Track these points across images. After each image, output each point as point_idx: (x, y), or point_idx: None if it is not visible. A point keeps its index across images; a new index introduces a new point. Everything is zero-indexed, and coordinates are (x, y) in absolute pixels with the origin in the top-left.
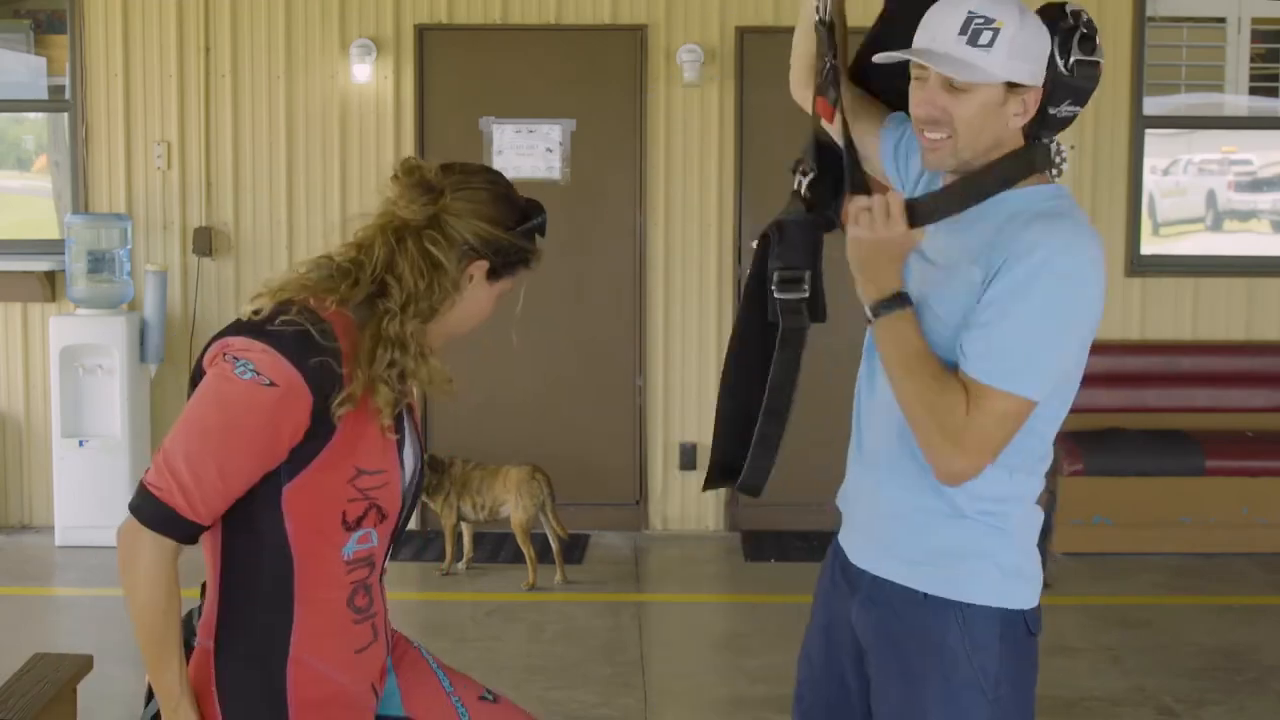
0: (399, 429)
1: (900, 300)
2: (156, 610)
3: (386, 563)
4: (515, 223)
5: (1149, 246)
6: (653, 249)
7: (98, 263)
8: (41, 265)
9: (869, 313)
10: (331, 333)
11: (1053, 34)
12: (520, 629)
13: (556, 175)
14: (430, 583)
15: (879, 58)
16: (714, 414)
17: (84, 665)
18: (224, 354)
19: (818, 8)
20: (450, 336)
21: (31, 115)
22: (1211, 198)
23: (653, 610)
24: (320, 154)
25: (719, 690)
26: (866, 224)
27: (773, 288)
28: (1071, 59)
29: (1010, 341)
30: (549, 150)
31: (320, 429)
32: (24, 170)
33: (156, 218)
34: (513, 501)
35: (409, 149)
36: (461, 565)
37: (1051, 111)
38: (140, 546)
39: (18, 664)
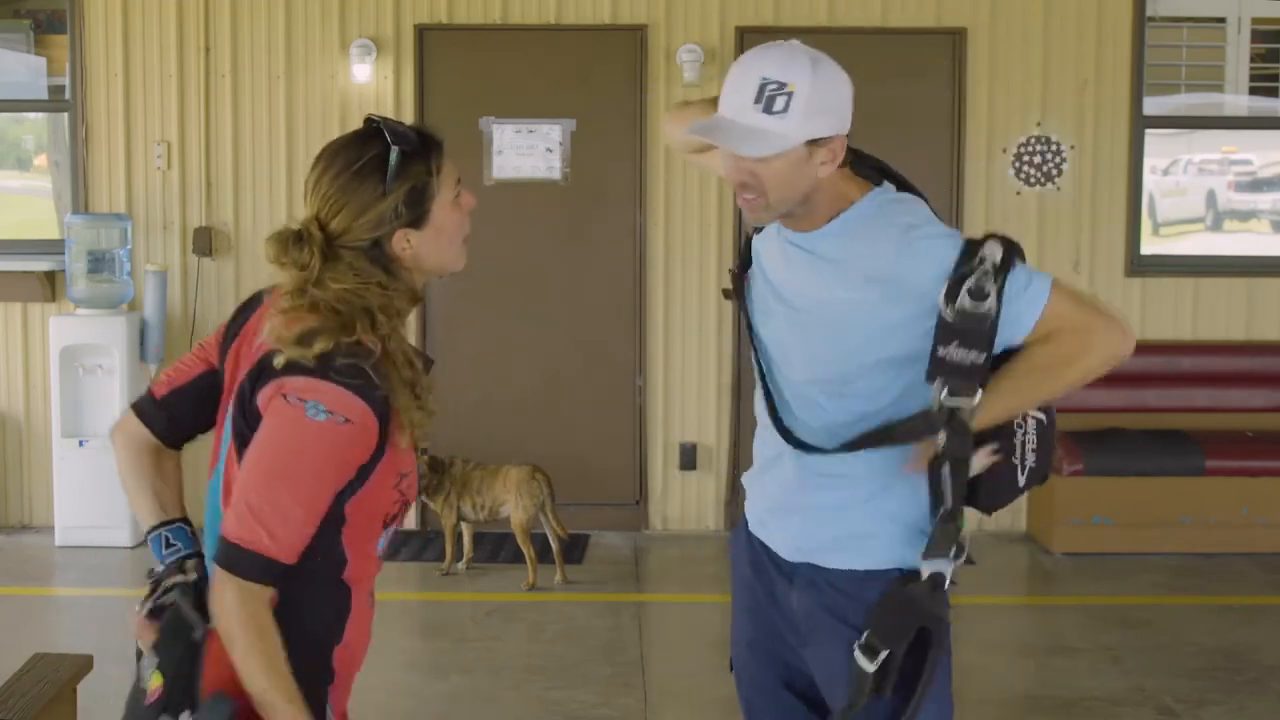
0: None
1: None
2: (276, 656)
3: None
4: (383, 179)
5: (1149, 246)
6: (653, 249)
7: (98, 263)
8: (41, 265)
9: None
10: (380, 363)
11: (956, 268)
12: (520, 629)
13: (556, 175)
14: (430, 583)
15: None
16: None
17: (84, 665)
18: (284, 395)
19: None
20: (438, 274)
21: (31, 115)
22: (1211, 198)
23: (653, 610)
24: None
25: (719, 690)
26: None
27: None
28: (957, 305)
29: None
30: (549, 150)
31: (379, 449)
32: (24, 170)
33: (156, 218)
34: (513, 501)
35: None
36: (461, 565)
37: (940, 353)
38: (243, 601)
39: (18, 664)
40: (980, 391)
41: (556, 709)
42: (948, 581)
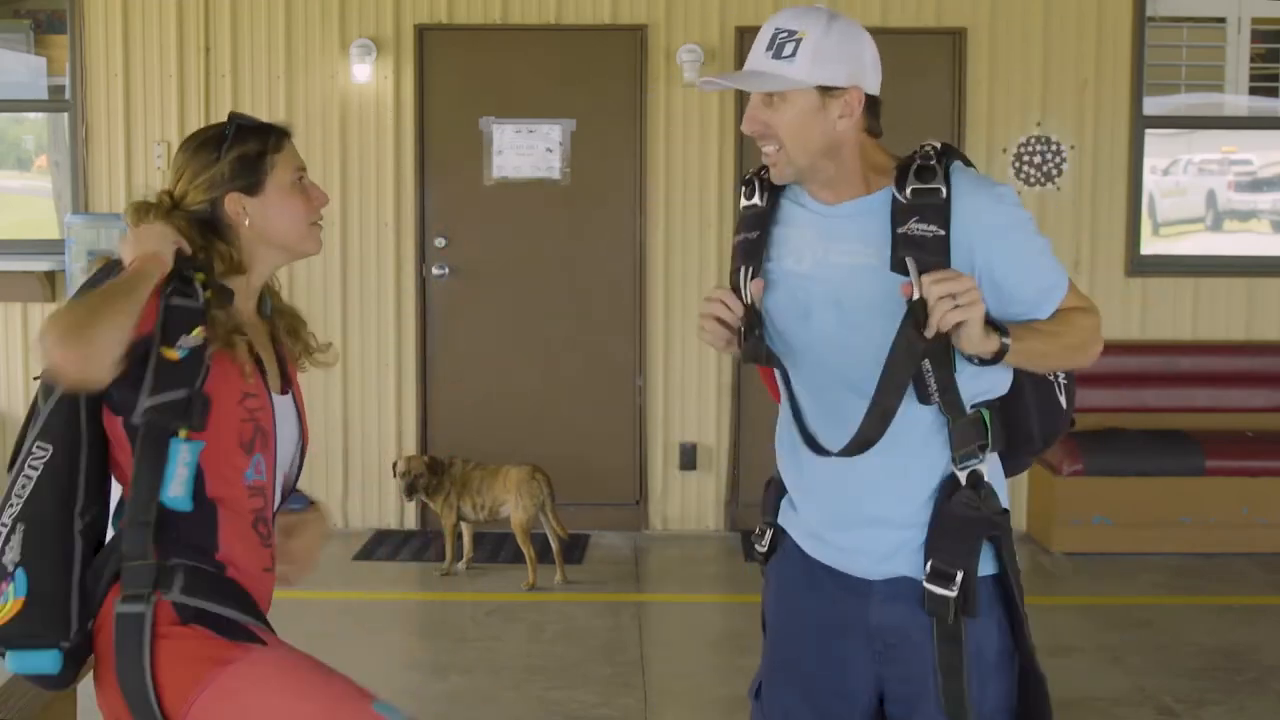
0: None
1: (1005, 332)
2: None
3: (277, 506)
4: (218, 149)
5: (1149, 246)
6: (652, 249)
7: None
8: (41, 265)
9: (999, 354)
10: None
11: (903, 169)
12: (520, 629)
13: (556, 175)
14: (430, 583)
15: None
16: None
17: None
18: None
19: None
20: (290, 252)
21: (31, 115)
22: (1211, 198)
23: (653, 610)
24: (320, 154)
25: (719, 690)
26: (965, 310)
27: (925, 581)
28: (908, 188)
29: (1049, 264)
30: (549, 150)
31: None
32: (24, 170)
33: None
34: (513, 501)
35: (409, 149)
36: (461, 565)
37: (900, 231)
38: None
39: None
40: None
41: (556, 709)
42: (985, 478)
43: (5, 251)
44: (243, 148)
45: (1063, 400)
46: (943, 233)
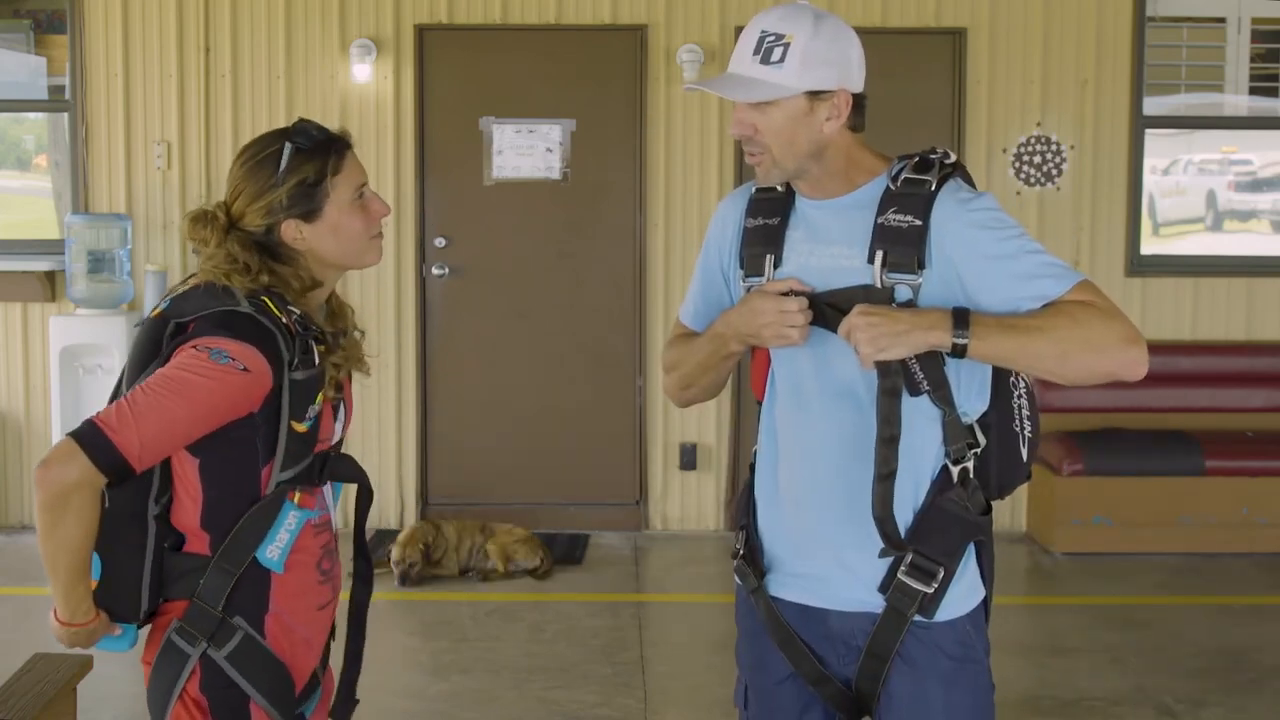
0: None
1: (962, 318)
2: (70, 546)
3: (336, 529)
4: (276, 170)
5: (1149, 246)
6: (653, 249)
7: (98, 263)
8: (41, 265)
9: (956, 351)
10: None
11: (904, 160)
12: (520, 629)
13: (556, 175)
14: (430, 583)
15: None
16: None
17: (84, 665)
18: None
19: None
20: (349, 268)
21: (31, 115)
22: (1211, 198)
23: (653, 610)
24: None
25: (719, 690)
26: (875, 335)
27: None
28: (902, 176)
29: (1037, 256)
30: (549, 150)
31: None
32: (24, 170)
33: (156, 218)
34: (497, 555)
35: (409, 149)
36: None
37: (879, 220)
38: (72, 472)
39: (18, 664)
40: (921, 271)
41: (556, 709)
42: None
43: (5, 251)
44: (301, 172)
45: (1024, 453)
46: (919, 223)
